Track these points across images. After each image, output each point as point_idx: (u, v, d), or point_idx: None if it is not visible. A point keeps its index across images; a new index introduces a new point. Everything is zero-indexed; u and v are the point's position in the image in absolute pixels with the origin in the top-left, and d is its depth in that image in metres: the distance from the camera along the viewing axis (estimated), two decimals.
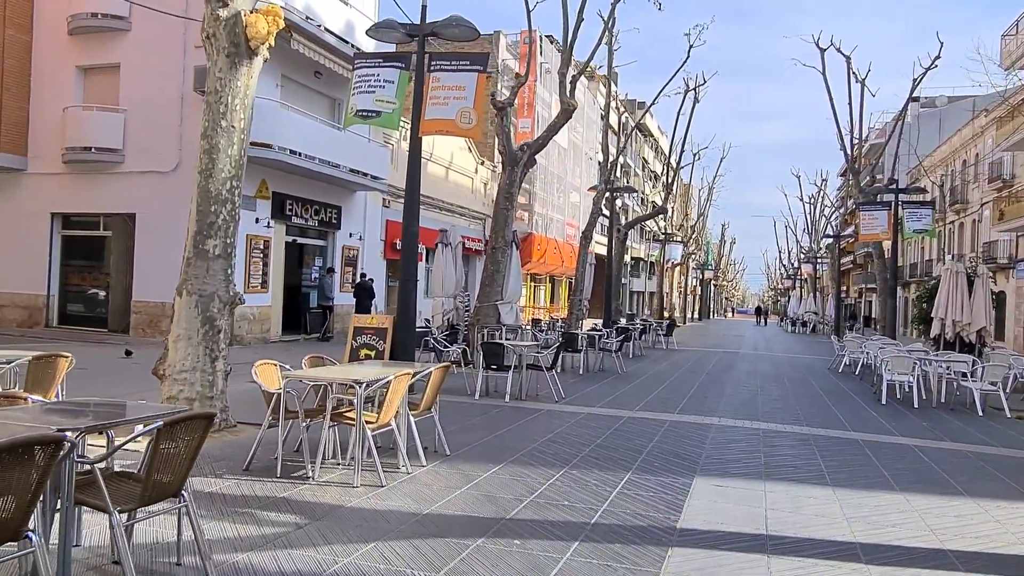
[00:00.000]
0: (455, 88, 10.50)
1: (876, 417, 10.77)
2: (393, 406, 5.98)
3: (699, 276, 66.20)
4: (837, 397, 13.04)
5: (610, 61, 25.08)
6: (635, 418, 9.59)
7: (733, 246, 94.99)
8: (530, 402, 10.52)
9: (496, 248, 15.12)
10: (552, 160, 34.66)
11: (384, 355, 10.78)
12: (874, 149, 44.70)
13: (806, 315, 49.24)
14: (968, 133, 37.35)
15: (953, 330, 17.08)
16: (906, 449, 8.35)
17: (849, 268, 61.61)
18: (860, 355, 17.95)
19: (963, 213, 37.69)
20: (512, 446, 7.46)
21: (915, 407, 11.90)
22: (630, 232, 55.11)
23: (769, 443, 8.31)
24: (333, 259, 20.41)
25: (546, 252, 32.71)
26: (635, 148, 56.98)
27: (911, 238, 26.31)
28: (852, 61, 25.99)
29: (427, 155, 25.39)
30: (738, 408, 11.00)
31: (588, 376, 14.35)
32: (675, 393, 12.43)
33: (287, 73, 17.89)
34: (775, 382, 15.16)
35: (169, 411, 3.85)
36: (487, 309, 15.12)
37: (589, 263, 22.83)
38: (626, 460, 7.04)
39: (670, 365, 17.92)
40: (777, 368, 18.66)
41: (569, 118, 15.35)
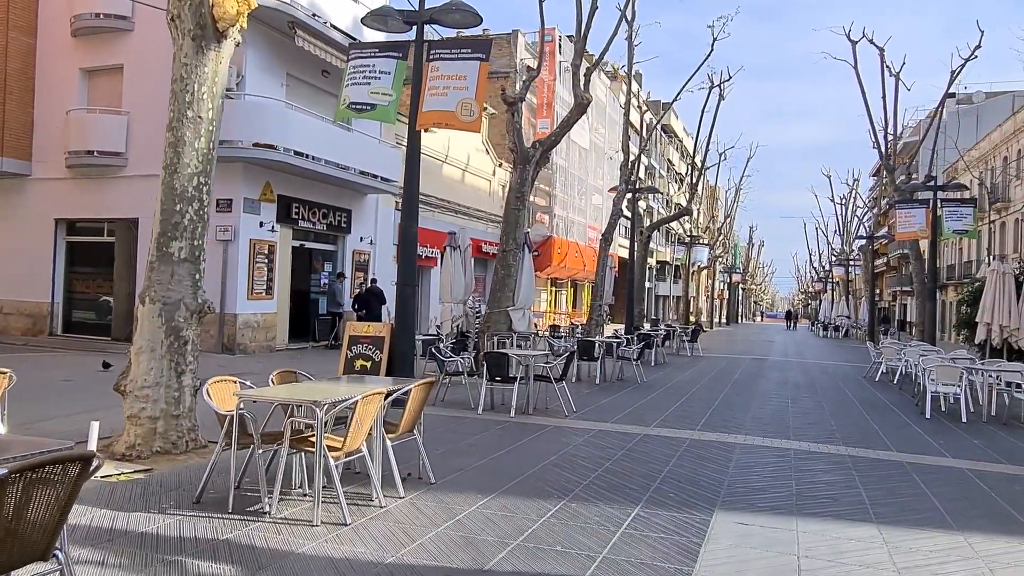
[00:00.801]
0: (455, 78, 9.74)
1: (921, 434, 9.74)
2: (362, 430, 5.19)
3: (727, 280, 64.75)
4: (875, 410, 11.99)
5: (630, 57, 24.17)
6: (651, 436, 8.69)
7: (762, 249, 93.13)
8: (538, 417, 9.68)
9: (507, 251, 14.32)
10: (573, 162, 33.81)
11: (381, 366, 10.02)
12: (908, 147, 43.15)
13: (838, 319, 47.69)
14: (1010, 128, 35.70)
15: (1000, 336, 15.91)
16: (959, 474, 7.35)
17: (883, 270, 59.70)
18: (898, 363, 16.80)
19: (1005, 212, 36.03)
20: (509, 471, 6.63)
21: (963, 421, 10.83)
22: (655, 235, 54.07)
23: (801, 466, 7.36)
24: (343, 264, 19.77)
25: (567, 256, 31.83)
26: (660, 149, 55.88)
27: (950, 238, 24.95)
28: (886, 53, 24.77)
29: (442, 157, 24.73)
30: (766, 423, 10.04)
31: (605, 386, 13.46)
32: (697, 406, 11.50)
33: (293, 72, 17.30)
34: (807, 392, 14.12)
35: (33, 452, 3.09)
36: (498, 315, 14.31)
37: (610, 267, 21.91)
38: (636, 489, 6.17)
39: (694, 374, 16.94)
40: (809, 377, 17.57)
41: (583, 113, 14.52)
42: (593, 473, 6.68)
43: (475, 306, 15.87)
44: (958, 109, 45.50)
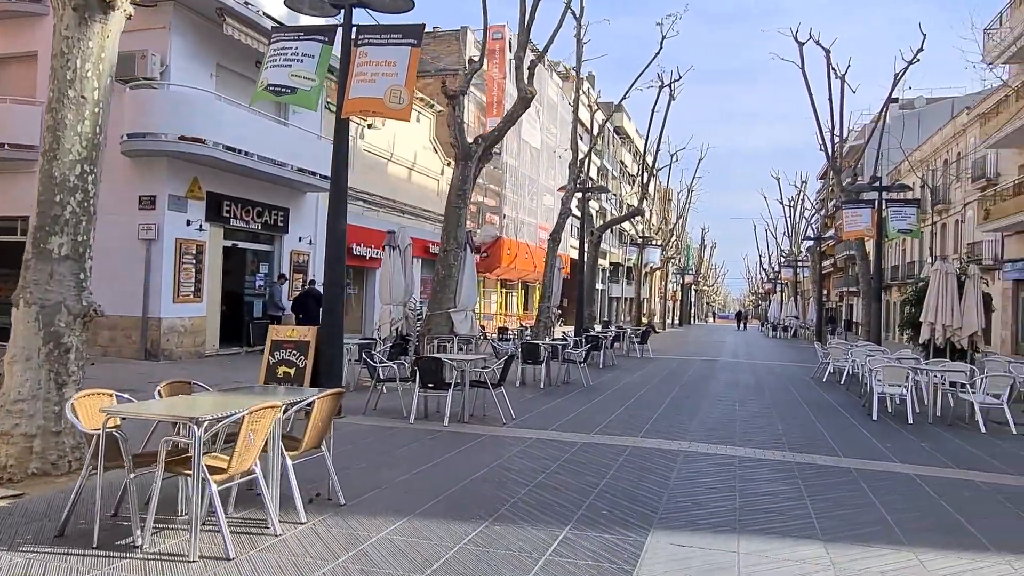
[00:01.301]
0: (384, 64, 9.11)
1: (868, 437, 9.47)
2: (253, 447, 4.55)
3: (679, 281, 65.22)
4: (823, 412, 11.75)
5: (579, 54, 23.82)
6: (591, 444, 8.20)
7: (714, 250, 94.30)
8: (474, 425, 9.12)
9: (448, 250, 13.73)
10: (524, 162, 33.37)
11: (305, 373, 9.34)
12: (854, 151, 43.93)
13: (787, 320, 48.30)
14: (950, 131, 36.56)
15: (944, 335, 15.95)
16: (907, 480, 7.03)
17: (829, 272, 60.87)
18: (845, 363, 16.74)
19: (946, 213, 36.87)
20: (433, 487, 6.05)
21: (909, 423, 10.64)
22: (608, 236, 54.05)
23: (746, 476, 6.95)
24: (280, 265, 18.90)
25: (517, 257, 31.35)
26: (612, 151, 55.90)
27: (895, 238, 25.24)
28: (832, 55, 24.93)
29: (387, 155, 23.99)
30: (712, 428, 9.66)
31: (549, 391, 12.97)
32: (643, 410, 11.08)
33: (223, 62, 16.40)
34: (755, 394, 13.86)
35: None
36: (439, 318, 13.71)
37: (559, 268, 21.48)
38: (568, 507, 5.65)
39: (643, 376, 16.59)
40: (758, 378, 17.39)
41: (527, 107, 14.04)
42: (524, 488, 6.14)
43: (416, 308, 15.25)
44: (902, 114, 46.53)
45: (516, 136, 32.30)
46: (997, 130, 26.46)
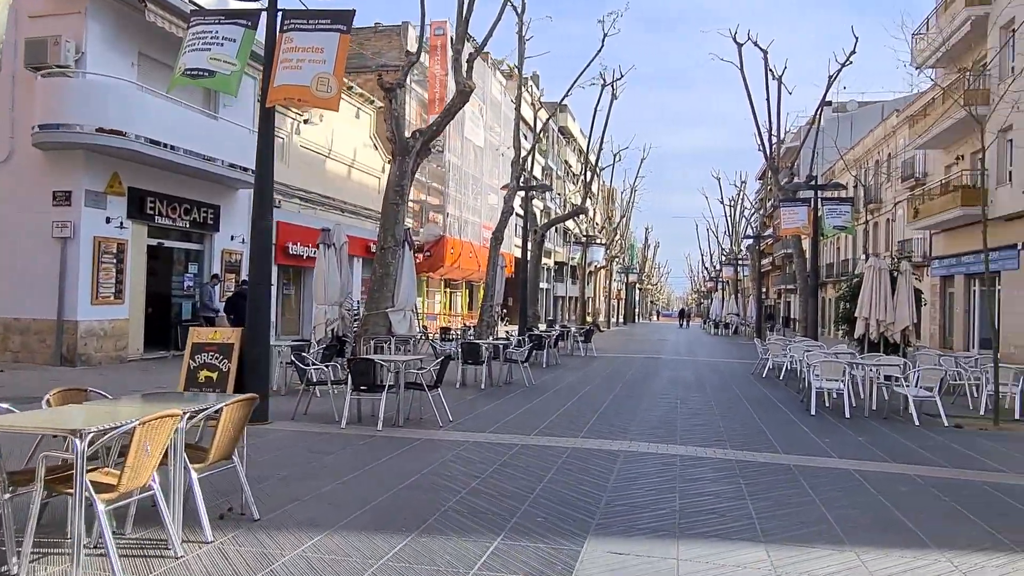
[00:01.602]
0: (311, 50, 8.65)
1: (807, 432, 9.46)
2: (148, 462, 4.10)
3: (624, 280, 65.80)
4: (763, 408, 11.76)
5: (521, 51, 23.59)
6: (530, 446, 7.92)
7: (657, 249, 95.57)
8: (409, 429, 8.73)
9: (386, 248, 13.28)
10: (467, 160, 33.00)
11: (229, 377, 8.79)
12: (790, 152, 45.00)
13: (728, 317, 49.18)
14: (881, 133, 37.72)
15: (877, 330, 16.25)
16: (846, 476, 6.97)
17: (768, 270, 62.33)
18: (784, 359, 16.94)
19: (878, 212, 38.04)
20: (358, 498, 5.66)
21: (847, 417, 10.71)
22: (552, 236, 54.10)
23: (687, 475, 6.77)
24: (212, 265, 18.08)
25: (461, 256, 30.96)
26: (556, 151, 55.99)
27: (832, 235, 25.81)
28: (769, 56, 25.34)
29: (325, 152, 23.31)
30: (654, 427, 9.50)
31: (490, 392, 12.66)
32: (584, 409, 10.87)
33: (146, 51, 15.56)
34: (697, 391, 13.84)
35: None
36: (376, 318, 13.25)
37: (502, 266, 21.21)
38: (502, 514, 5.34)
39: (585, 375, 16.43)
40: (699, 375, 17.45)
41: (466, 101, 13.70)
42: (457, 495, 5.81)
43: (354, 308, 14.73)
44: (836, 116, 47.88)
45: (459, 134, 31.91)
46: (924, 131, 27.34)
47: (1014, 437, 9.62)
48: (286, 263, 21.19)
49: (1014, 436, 9.70)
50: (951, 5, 25.21)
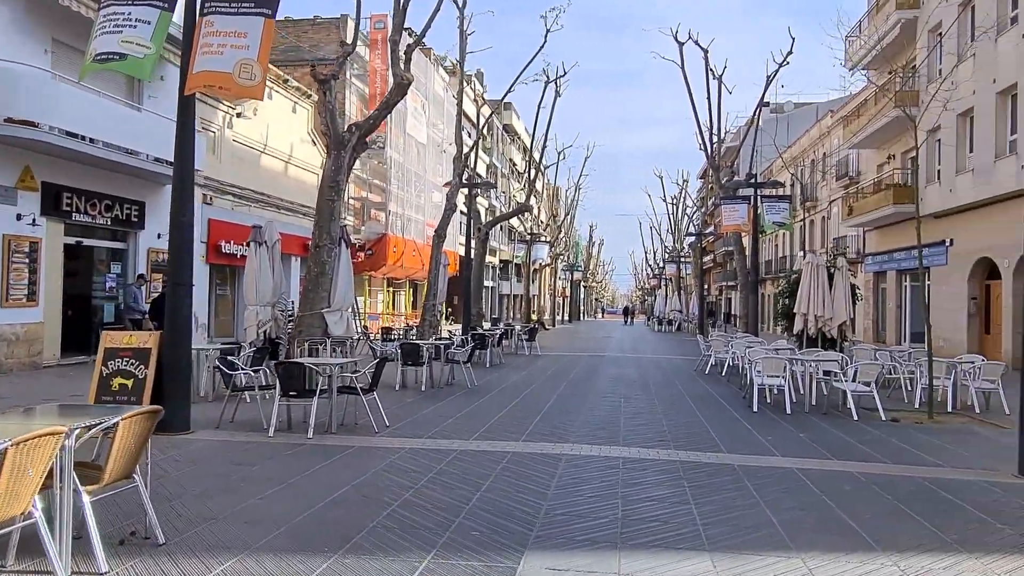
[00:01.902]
0: (233, 34, 8.11)
1: (750, 429, 9.39)
2: (26, 486, 3.62)
3: (568, 278, 66.05)
4: (706, 405, 11.70)
5: (462, 46, 23.20)
6: (468, 452, 7.59)
7: (602, 247, 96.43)
8: (342, 436, 8.29)
9: (321, 246, 12.74)
10: (409, 157, 32.43)
11: (146, 384, 8.20)
12: (731, 151, 45.82)
13: (671, 314, 49.80)
14: (816, 133, 38.65)
15: (816, 325, 16.48)
16: (790, 475, 6.85)
17: (710, 267, 63.42)
18: (726, 355, 17.04)
19: (814, 210, 38.97)
20: (279, 515, 5.23)
21: (788, 413, 10.72)
22: (498, 234, 53.86)
23: (630, 480, 6.55)
24: (137, 265, 17.15)
25: (404, 255, 30.40)
26: (501, 149, 55.76)
27: (771, 231, 26.24)
28: (710, 55, 25.59)
29: (260, 147, 22.48)
30: (597, 428, 9.28)
31: (430, 394, 12.27)
32: (527, 410, 10.59)
33: (60, 37, 14.60)
34: (640, 389, 13.73)
35: None
36: (311, 319, 12.71)
37: (445, 264, 20.80)
38: (435, 528, 5.00)
39: (529, 374, 16.19)
40: (643, 372, 17.40)
41: (404, 93, 13.27)
42: (386, 509, 5.44)
43: (289, 309, 14.14)
44: (774, 117, 48.97)
45: (401, 131, 31.34)
46: (859, 131, 28.06)
47: (948, 430, 9.75)
48: (219, 262, 20.33)
49: (948, 429, 9.83)
50: (883, 8, 25.91)
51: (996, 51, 19.63)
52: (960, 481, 6.73)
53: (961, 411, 11.39)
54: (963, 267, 22.06)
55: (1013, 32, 19.08)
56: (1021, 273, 19.25)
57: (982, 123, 20.60)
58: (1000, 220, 19.77)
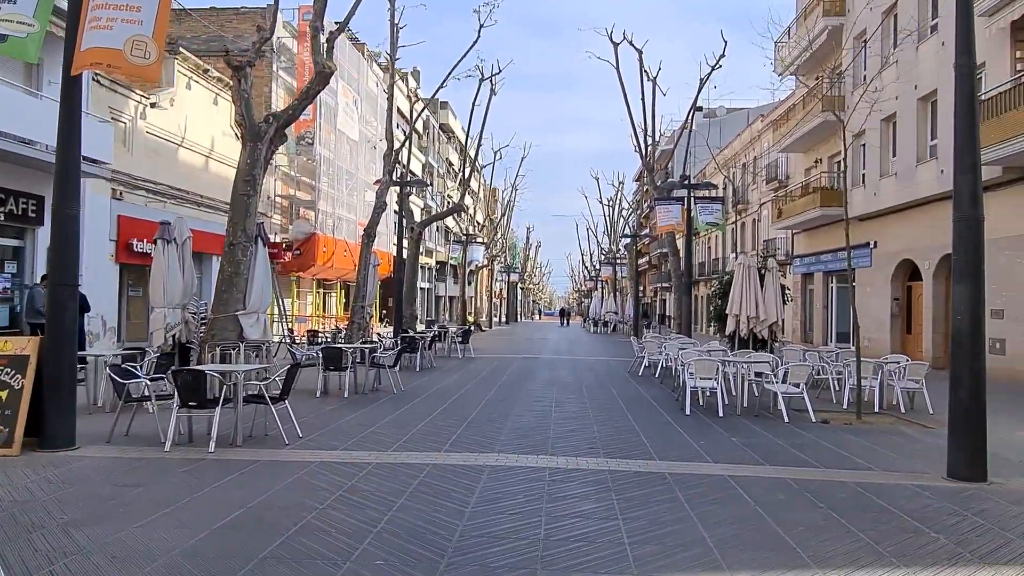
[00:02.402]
0: (126, 8, 7.34)
1: (682, 434, 9.12)
2: None
3: (505, 279, 65.77)
4: (639, 408, 11.42)
5: (393, 38, 22.51)
6: (385, 465, 7.04)
7: (539, 249, 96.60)
8: (249, 449, 7.62)
9: (235, 244, 11.93)
10: (340, 154, 31.44)
11: (22, 396, 7.35)
12: (665, 155, 46.36)
13: (607, 315, 50.02)
14: (747, 137, 39.38)
15: (747, 327, 16.52)
16: (723, 483, 6.56)
17: (645, 269, 64.16)
18: (659, 357, 16.90)
19: (745, 213, 39.69)
20: (151, 546, 4.58)
21: (720, 416, 10.54)
22: (435, 235, 53.11)
23: (556, 493, 6.12)
24: (35, 264, 15.86)
25: (334, 255, 29.40)
26: (437, 148, 55.04)
27: (705, 231, 26.45)
28: (644, 56, 25.60)
29: (177, 140, 21.28)
30: (525, 435, 8.85)
31: (353, 401, 11.62)
32: (453, 417, 10.08)
33: None
34: (573, 393, 13.39)
35: None
36: (224, 322, 11.88)
37: (375, 264, 20.08)
38: (332, 559, 4.44)
39: (461, 377, 15.67)
40: (577, 374, 17.11)
41: (326, 83, 12.58)
42: (282, 536, 4.85)
43: (200, 311, 13.23)
44: (707, 122, 49.80)
45: (332, 127, 30.36)
46: (788, 134, 28.60)
47: (876, 431, 9.71)
48: (131, 262, 19.08)
49: (876, 429, 9.80)
50: (810, 15, 26.45)
51: (917, 58, 20.18)
52: (891, 486, 6.57)
53: (887, 411, 11.46)
54: (886, 269, 22.64)
55: (933, 40, 19.64)
56: (941, 275, 19.83)
57: (904, 128, 21.17)
58: (921, 223, 20.34)
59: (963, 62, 7.04)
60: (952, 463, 6.97)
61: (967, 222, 6.98)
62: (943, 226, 19.97)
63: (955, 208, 7.08)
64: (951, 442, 6.99)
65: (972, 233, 6.96)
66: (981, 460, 6.87)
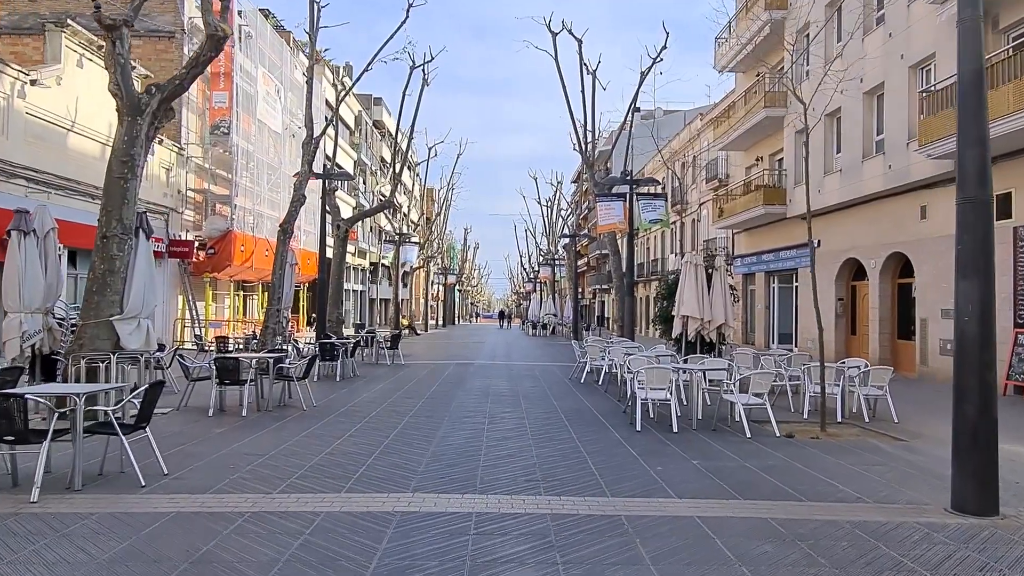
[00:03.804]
0: None
1: (636, 457, 7.79)
2: None
3: (442, 281, 64.02)
4: (583, 423, 10.07)
5: (313, 16, 20.64)
6: (262, 515, 5.44)
7: (477, 251, 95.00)
8: (88, 495, 5.89)
9: (109, 237, 10.03)
10: (261, 146, 29.26)
11: None
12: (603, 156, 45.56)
13: (546, 317, 48.90)
14: (686, 136, 38.85)
15: (695, 329, 15.49)
16: (692, 528, 5.23)
17: (584, 270, 63.48)
18: (603, 362, 15.66)
19: (684, 213, 39.14)
20: None
21: (674, 431, 9.28)
22: (369, 236, 50.97)
23: (482, 552, 4.67)
24: None
25: (254, 254, 27.20)
26: (369, 145, 52.90)
27: (648, 229, 25.46)
28: (583, 47, 24.44)
29: (67, 124, 18.92)
30: (450, 464, 7.35)
31: (251, 420, 9.89)
32: (365, 442, 8.50)
33: None
34: (509, 405, 11.95)
35: None
36: (96, 329, 9.96)
37: (292, 263, 18.23)
38: None
39: (385, 388, 14.04)
40: (514, 383, 15.69)
41: (219, 50, 10.76)
42: None
43: (70, 316, 11.28)
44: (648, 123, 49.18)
45: (251, 116, 28.17)
46: (728, 132, 27.95)
47: (848, 446, 8.61)
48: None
49: (847, 445, 8.71)
50: (752, 8, 25.80)
51: (863, 51, 19.58)
52: (895, 527, 5.36)
53: (850, 420, 10.46)
54: (831, 268, 22.05)
55: (879, 32, 19.06)
56: (887, 274, 19.27)
57: (849, 123, 20.58)
58: (866, 220, 19.77)
59: (967, 15, 5.90)
60: (958, 493, 5.84)
61: (973, 204, 5.85)
62: (889, 223, 19.64)
63: (959, 189, 5.95)
64: (956, 467, 5.86)
65: (979, 218, 5.84)
66: (992, 490, 5.76)
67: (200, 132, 26.47)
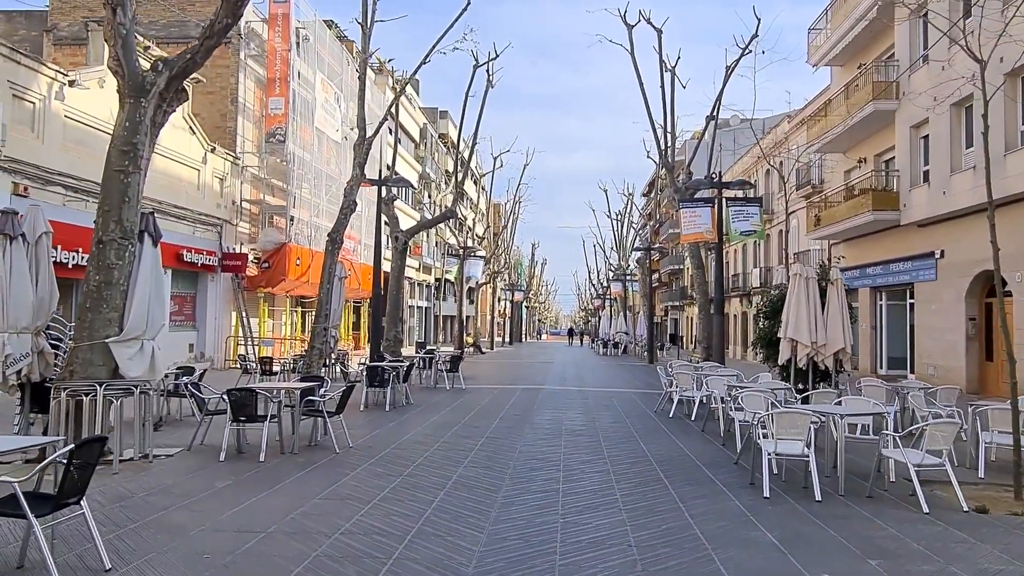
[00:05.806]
0: None
1: (778, 547, 5.39)
2: None
3: (509, 297, 62.13)
4: (688, 483, 7.69)
5: (366, 7, 18.97)
6: None
7: (545, 267, 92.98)
8: None
9: (107, 242, 8.35)
10: (319, 156, 28.00)
11: None
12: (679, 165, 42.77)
13: (617, 336, 46.25)
14: (771, 141, 35.79)
15: (807, 354, 12.91)
16: None
17: (655, 286, 60.45)
18: (694, 394, 13.19)
19: (769, 224, 35.98)
20: None
21: (818, 500, 6.83)
22: (433, 251, 49.57)
23: None
24: None
25: (310, 269, 25.79)
26: (435, 158, 51.62)
27: (739, 241, 22.77)
28: (663, 37, 22.12)
29: (111, 127, 17.76)
30: (512, 562, 5.13)
31: (267, 469, 7.93)
32: (397, 512, 6.37)
33: None
34: (588, 451, 9.64)
35: None
36: (90, 353, 8.25)
37: (339, 276, 16.48)
38: None
39: (438, 423, 11.94)
40: (590, 416, 13.37)
41: (236, 16, 8.88)
42: None
43: (61, 336, 9.65)
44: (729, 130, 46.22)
45: (308, 123, 26.94)
46: (825, 131, 25.00)
47: None
48: None
49: None
50: None
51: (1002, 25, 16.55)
52: None
53: None
54: (959, 283, 18.90)
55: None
56: None
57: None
58: (1007, 226, 16.65)
59: None
60: None
61: None
62: None
63: None
64: None
65: None
66: None
67: (256, 140, 25.34)
